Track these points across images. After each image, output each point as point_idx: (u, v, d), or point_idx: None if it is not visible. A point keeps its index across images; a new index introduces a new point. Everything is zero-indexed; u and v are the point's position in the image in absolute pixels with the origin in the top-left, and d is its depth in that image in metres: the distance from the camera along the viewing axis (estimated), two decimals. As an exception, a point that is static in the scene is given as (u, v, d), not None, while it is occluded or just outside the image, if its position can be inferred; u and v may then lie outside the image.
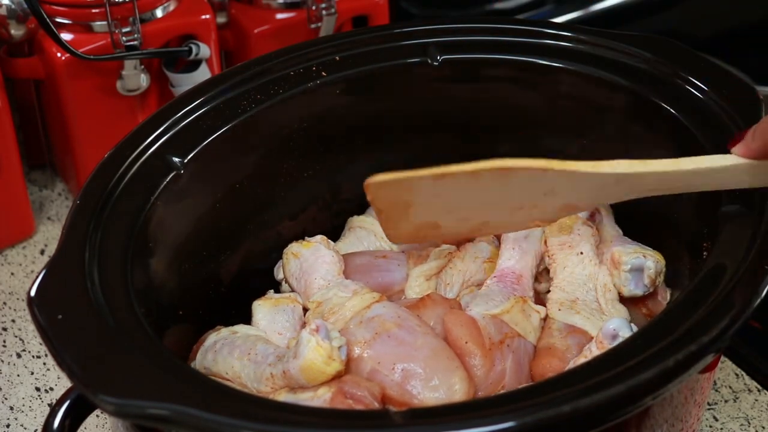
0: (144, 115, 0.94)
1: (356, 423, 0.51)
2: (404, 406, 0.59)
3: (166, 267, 0.67)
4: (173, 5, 0.94)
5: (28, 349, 0.86)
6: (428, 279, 0.72)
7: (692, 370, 0.53)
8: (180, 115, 0.70)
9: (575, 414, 0.50)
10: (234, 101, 0.73)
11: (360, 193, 0.65)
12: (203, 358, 0.66)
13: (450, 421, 0.50)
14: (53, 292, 0.57)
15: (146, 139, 0.69)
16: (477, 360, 0.63)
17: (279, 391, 0.61)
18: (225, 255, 0.74)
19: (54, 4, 0.89)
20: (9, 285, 0.92)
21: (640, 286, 0.68)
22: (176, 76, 0.93)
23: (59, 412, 0.55)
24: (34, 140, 1.02)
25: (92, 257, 0.60)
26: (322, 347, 0.59)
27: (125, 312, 0.58)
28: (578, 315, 0.67)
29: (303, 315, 0.70)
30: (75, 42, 0.89)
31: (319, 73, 0.75)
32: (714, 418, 0.76)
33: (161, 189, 0.67)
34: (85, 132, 0.93)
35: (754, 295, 0.55)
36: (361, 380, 0.61)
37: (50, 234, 0.97)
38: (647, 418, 0.57)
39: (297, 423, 0.50)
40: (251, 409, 0.51)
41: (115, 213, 0.64)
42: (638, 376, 0.51)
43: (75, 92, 0.91)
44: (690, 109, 0.69)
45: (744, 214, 0.60)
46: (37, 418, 0.79)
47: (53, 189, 1.03)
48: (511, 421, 0.49)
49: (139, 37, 0.90)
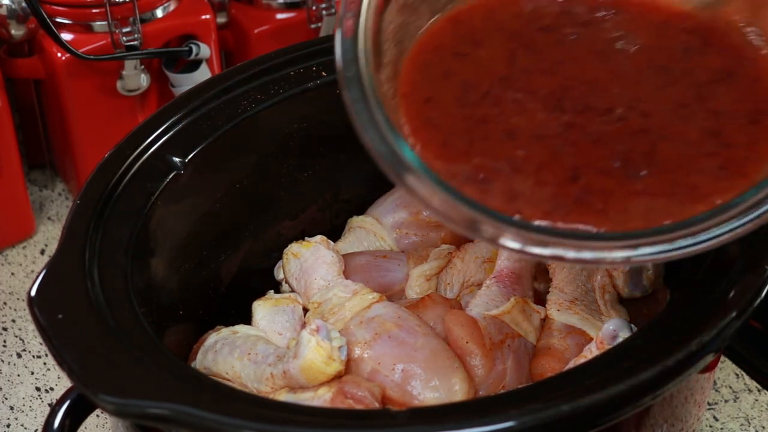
0: (144, 115, 0.94)
1: (356, 423, 0.51)
2: (404, 407, 0.59)
3: (166, 267, 0.67)
4: (173, 5, 0.94)
5: (28, 349, 0.86)
6: (428, 279, 0.72)
7: (692, 370, 0.53)
8: (180, 115, 0.70)
9: (575, 414, 0.50)
10: (234, 101, 0.73)
11: (360, 192, 0.65)
12: (203, 358, 0.66)
13: (450, 421, 0.50)
14: (53, 292, 0.57)
15: (146, 139, 0.69)
16: (477, 360, 0.63)
17: (279, 391, 0.61)
18: (225, 255, 0.74)
19: (54, 4, 0.89)
20: (9, 285, 0.92)
21: (639, 287, 0.68)
22: (176, 76, 0.93)
23: (59, 412, 0.55)
24: (34, 140, 1.02)
25: (92, 257, 0.60)
26: (322, 347, 0.60)
27: (125, 312, 0.58)
28: (577, 315, 0.67)
29: (303, 315, 0.70)
30: (75, 42, 0.89)
31: (319, 73, 0.75)
32: (714, 418, 0.76)
33: (161, 189, 0.67)
34: (85, 132, 0.93)
35: (754, 295, 0.55)
36: (361, 380, 0.61)
37: (50, 234, 0.98)
38: (647, 418, 0.57)
39: (297, 423, 0.50)
40: (251, 409, 0.51)
41: (115, 213, 0.64)
42: (638, 376, 0.51)
43: (75, 92, 0.91)
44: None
45: (744, 214, 0.60)
46: (38, 418, 0.79)
47: (53, 189, 1.03)
48: (511, 421, 0.49)
49: (139, 37, 0.90)
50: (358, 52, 0.56)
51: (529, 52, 0.60)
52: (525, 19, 0.61)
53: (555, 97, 0.57)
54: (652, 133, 0.55)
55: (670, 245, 0.51)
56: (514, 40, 0.60)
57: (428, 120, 0.57)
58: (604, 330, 0.61)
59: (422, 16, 0.62)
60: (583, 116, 0.56)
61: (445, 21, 0.62)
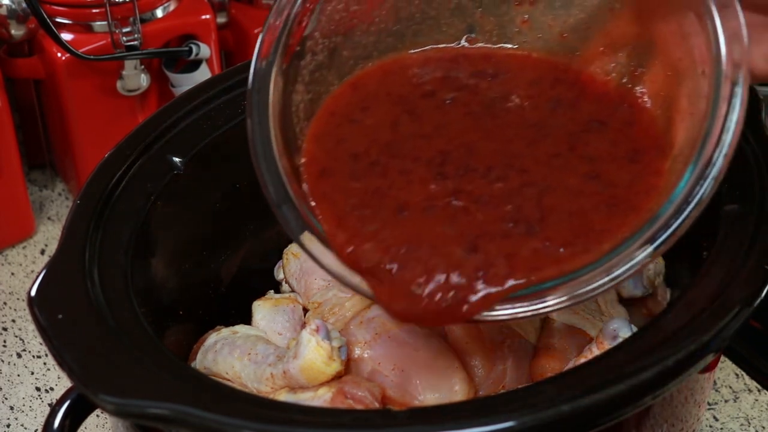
0: (144, 115, 0.94)
1: (357, 423, 0.51)
2: (404, 407, 0.59)
3: (166, 267, 0.67)
4: (173, 5, 0.94)
5: (28, 349, 0.86)
6: (428, 279, 0.72)
7: (692, 370, 0.53)
8: (180, 115, 0.70)
9: (575, 414, 0.50)
10: (234, 101, 0.73)
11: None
12: (203, 358, 0.66)
13: (450, 421, 0.50)
14: (53, 292, 0.57)
15: (146, 139, 0.69)
16: (477, 360, 0.63)
17: (279, 391, 0.61)
18: (225, 255, 0.74)
19: (54, 4, 0.89)
20: (9, 285, 0.92)
21: (639, 287, 0.68)
22: (176, 76, 0.93)
23: (59, 412, 0.55)
24: (34, 140, 1.02)
25: (92, 257, 0.60)
26: (322, 347, 0.60)
27: (125, 312, 0.58)
28: (577, 315, 0.67)
29: (303, 315, 0.70)
30: (75, 42, 0.89)
31: (319, 73, 0.75)
32: (714, 418, 0.76)
33: (161, 189, 0.67)
34: (85, 132, 0.93)
35: (754, 295, 0.55)
36: (361, 380, 0.61)
37: (50, 234, 0.98)
38: (647, 418, 0.57)
39: (297, 423, 0.50)
40: (251, 409, 0.51)
41: (115, 213, 0.64)
42: (638, 376, 0.51)
43: (75, 92, 0.91)
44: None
45: (744, 214, 0.60)
46: (38, 418, 0.79)
47: (53, 189, 1.03)
48: (511, 421, 0.49)
49: (139, 37, 0.90)
50: (271, 138, 0.58)
51: (412, 118, 0.61)
52: (411, 84, 0.63)
53: (437, 162, 0.58)
54: (535, 187, 0.56)
55: (586, 286, 0.53)
56: (399, 105, 0.62)
57: (324, 195, 0.58)
58: (604, 330, 0.61)
59: (332, 82, 0.63)
60: (466, 179, 0.57)
61: (347, 85, 0.63)
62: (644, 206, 0.55)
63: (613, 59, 0.62)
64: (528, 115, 0.61)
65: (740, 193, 0.61)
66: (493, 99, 0.61)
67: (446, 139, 0.59)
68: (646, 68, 0.60)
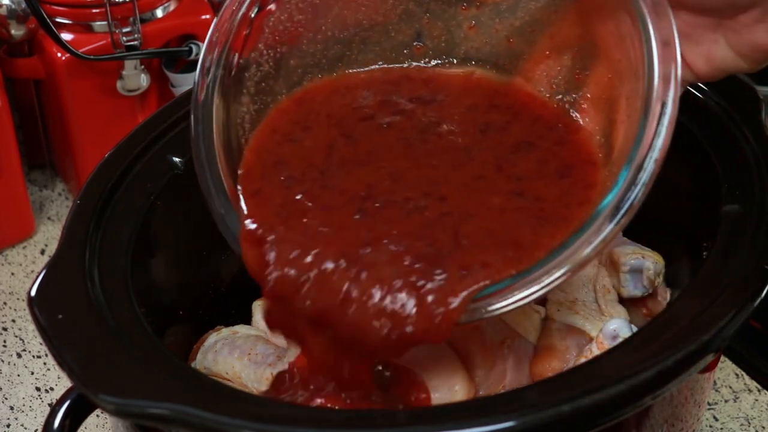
0: (144, 115, 0.94)
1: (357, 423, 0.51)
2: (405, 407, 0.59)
3: (166, 267, 0.67)
4: (173, 5, 0.94)
5: (28, 349, 0.86)
6: (428, 279, 0.72)
7: (692, 370, 0.53)
8: (180, 115, 0.70)
9: (575, 414, 0.50)
10: (234, 101, 0.73)
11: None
12: (204, 358, 0.66)
13: (450, 421, 0.50)
14: (53, 292, 0.57)
15: (146, 139, 0.69)
16: (477, 360, 0.63)
17: (279, 391, 0.61)
18: (225, 255, 0.74)
19: (54, 4, 0.89)
20: (9, 285, 0.92)
21: (639, 287, 0.68)
22: (176, 76, 0.93)
23: (59, 412, 0.55)
24: (34, 140, 1.02)
25: (92, 257, 0.60)
26: (322, 347, 0.59)
27: (125, 312, 0.58)
28: (577, 315, 0.67)
29: (303, 315, 0.70)
30: (75, 42, 0.89)
31: (319, 73, 0.75)
32: (714, 418, 0.76)
33: (161, 189, 0.67)
34: (85, 132, 0.93)
35: (754, 295, 0.55)
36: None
37: (50, 234, 0.98)
38: (647, 418, 0.57)
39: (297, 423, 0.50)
40: (251, 409, 0.51)
41: (115, 213, 0.64)
42: (638, 376, 0.51)
43: (75, 92, 0.91)
44: (689, 108, 0.69)
45: (744, 214, 0.60)
46: (38, 418, 0.79)
47: (53, 189, 1.03)
48: (511, 421, 0.49)
49: (139, 37, 0.90)
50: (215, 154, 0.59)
51: (347, 142, 0.61)
52: (351, 107, 0.63)
53: (360, 197, 0.57)
54: (454, 215, 0.56)
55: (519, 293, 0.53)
56: (337, 128, 0.61)
57: (255, 216, 0.57)
58: (604, 330, 0.61)
59: (280, 91, 0.63)
60: (382, 219, 0.56)
61: (293, 101, 0.63)
62: (576, 217, 0.55)
63: (559, 62, 0.62)
64: (458, 139, 0.60)
65: (740, 193, 0.61)
66: (427, 124, 0.61)
67: (375, 168, 0.59)
68: (590, 71, 0.60)
